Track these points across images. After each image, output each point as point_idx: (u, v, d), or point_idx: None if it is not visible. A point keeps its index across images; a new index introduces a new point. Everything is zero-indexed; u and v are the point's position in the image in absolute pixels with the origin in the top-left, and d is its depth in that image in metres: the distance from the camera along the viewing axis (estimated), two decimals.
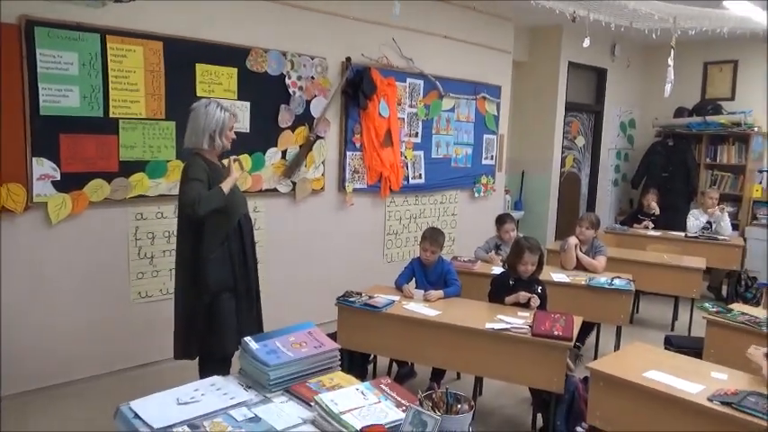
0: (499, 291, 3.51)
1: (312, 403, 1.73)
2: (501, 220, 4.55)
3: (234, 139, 2.94)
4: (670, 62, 4.24)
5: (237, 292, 2.88)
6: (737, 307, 3.55)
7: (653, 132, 7.59)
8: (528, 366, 2.92)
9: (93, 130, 3.42)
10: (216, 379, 1.94)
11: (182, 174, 2.85)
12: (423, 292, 3.52)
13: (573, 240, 4.29)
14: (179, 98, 3.64)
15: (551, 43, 6.72)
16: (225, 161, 2.93)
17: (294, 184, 4.43)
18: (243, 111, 4.03)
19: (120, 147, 3.53)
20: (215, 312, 2.81)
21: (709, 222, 5.88)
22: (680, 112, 7.27)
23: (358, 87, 4.62)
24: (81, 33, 3.33)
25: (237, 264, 2.87)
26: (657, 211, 6.12)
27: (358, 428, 1.58)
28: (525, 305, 3.34)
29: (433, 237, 3.68)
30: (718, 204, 5.95)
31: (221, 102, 2.92)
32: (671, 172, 7.05)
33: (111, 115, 3.47)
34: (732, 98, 7.15)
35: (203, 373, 2.83)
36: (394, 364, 3.77)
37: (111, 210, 3.55)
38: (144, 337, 3.71)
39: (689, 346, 3.52)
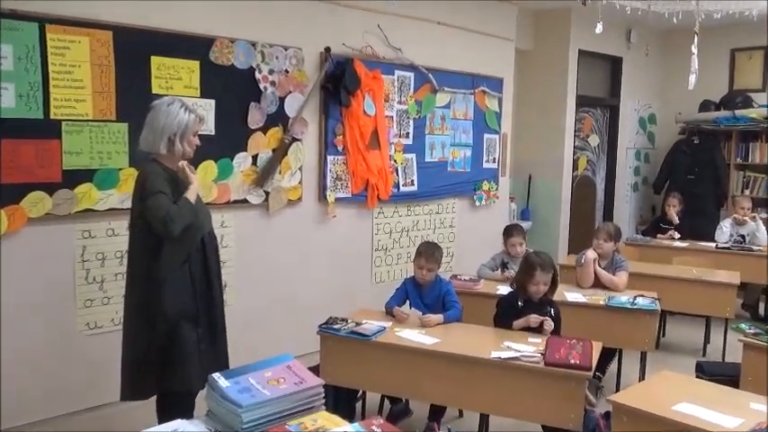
0: (506, 314, 3.51)
1: None
2: (508, 233, 4.56)
3: (198, 145, 2.94)
4: (694, 49, 4.29)
5: (200, 320, 2.86)
6: None
7: (676, 129, 7.67)
8: (541, 401, 2.91)
9: (31, 134, 3.38)
10: (179, 423, 1.92)
11: (137, 184, 2.84)
12: (419, 314, 3.51)
13: (591, 254, 4.30)
14: (132, 96, 3.62)
15: (559, 29, 6.79)
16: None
17: (267, 194, 4.41)
18: (207, 110, 4.02)
19: (64, 153, 3.50)
20: (174, 344, 2.79)
21: (742, 236, 5.93)
22: (706, 106, 7.36)
23: (339, 82, 4.62)
24: (16, 22, 3.30)
25: (200, 288, 2.86)
26: (676, 220, 6.17)
27: None
28: (537, 330, 3.35)
29: (429, 252, 3.68)
30: (752, 211, 6.01)
31: (186, 102, 2.91)
32: (697, 174, 7.12)
33: (52, 116, 3.44)
34: (763, 89, 7.26)
35: (163, 416, 2.80)
36: (386, 401, 3.75)
37: (54, 227, 3.51)
38: (94, 374, 3.65)
39: (724, 374, 3.54)
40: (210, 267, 2.92)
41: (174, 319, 2.77)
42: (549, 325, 3.31)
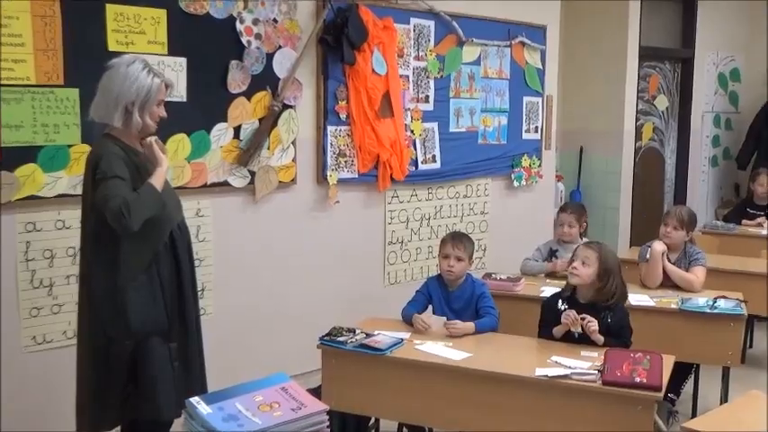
0: (546, 321, 3.53)
1: None
2: (559, 211, 4.67)
3: (163, 117, 2.95)
4: None
5: (172, 333, 2.89)
6: None
7: (765, 88, 7.60)
8: (598, 428, 2.91)
9: None
10: None
11: (88, 166, 2.86)
12: (444, 319, 3.51)
13: (659, 246, 4.29)
14: (83, 55, 3.62)
15: None
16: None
17: (253, 174, 4.42)
18: (177, 71, 4.02)
19: (1, 127, 3.51)
20: (141, 363, 2.82)
21: None
22: None
23: (341, 33, 4.61)
24: None
25: (170, 294, 2.89)
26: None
27: None
28: (584, 339, 3.33)
29: (457, 238, 3.72)
30: None
31: (152, 63, 2.91)
32: None
33: None
34: None
35: None
36: (404, 431, 3.76)
37: None
38: (42, 399, 3.68)
39: None
40: (182, 268, 2.95)
41: (140, 333, 2.80)
42: (593, 326, 3.28)
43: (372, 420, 3.64)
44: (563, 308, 3.48)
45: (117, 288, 2.77)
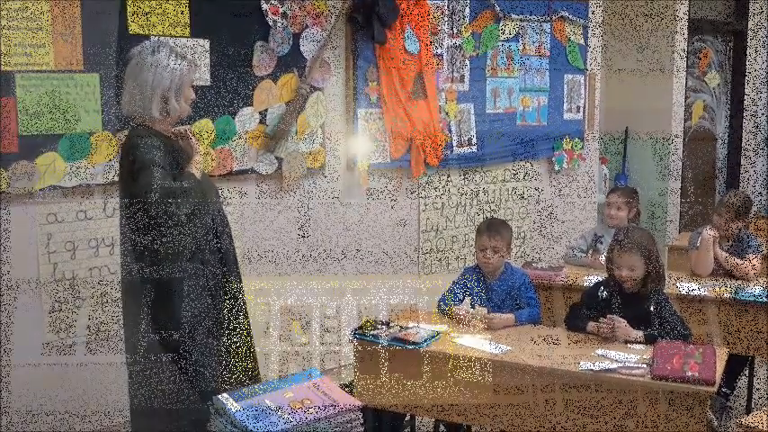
0: (587, 305, 3.51)
1: None
2: (610, 192, 4.67)
3: (193, 99, 3.00)
4: None
5: (220, 326, 2.96)
6: None
7: None
8: (648, 425, 2.89)
9: None
10: None
11: (123, 157, 2.92)
12: (484, 311, 3.51)
13: (710, 233, 4.25)
14: (103, 39, 3.64)
15: None
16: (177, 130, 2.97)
17: (280, 161, 4.44)
18: (200, 54, 4.04)
19: (20, 114, 3.54)
20: (189, 356, 2.88)
21: None
22: None
23: (371, 11, 4.60)
24: None
25: (215, 284, 2.96)
26: None
27: None
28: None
29: (493, 228, 3.69)
30: None
31: (173, 45, 2.95)
32: None
33: (2, 67, 3.48)
34: None
35: None
36: (441, 428, 3.77)
37: (11, 209, 3.56)
38: (66, 397, 3.72)
39: None
40: (227, 257, 3.03)
41: (186, 326, 2.86)
42: (620, 330, 3.22)
43: (408, 417, 3.65)
44: (604, 294, 3.46)
45: (160, 280, 2.82)
